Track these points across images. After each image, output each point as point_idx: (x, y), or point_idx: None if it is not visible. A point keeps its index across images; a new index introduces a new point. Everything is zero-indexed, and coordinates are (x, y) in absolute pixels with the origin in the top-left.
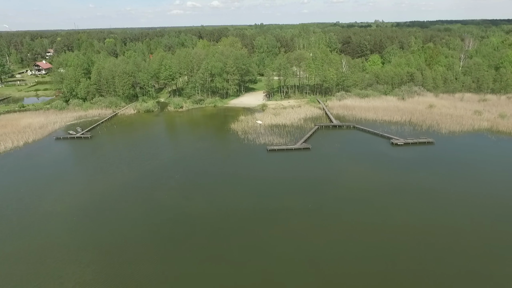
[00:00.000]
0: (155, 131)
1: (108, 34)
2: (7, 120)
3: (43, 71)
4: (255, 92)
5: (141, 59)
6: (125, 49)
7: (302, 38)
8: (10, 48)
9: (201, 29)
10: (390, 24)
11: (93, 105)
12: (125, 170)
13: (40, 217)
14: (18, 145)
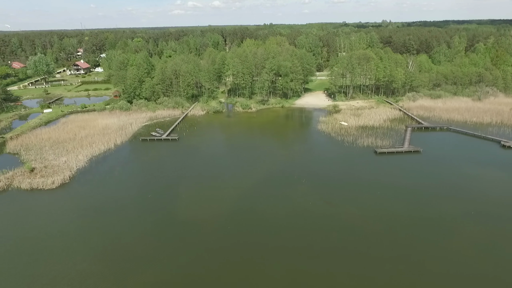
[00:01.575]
0: (240, 132)
1: (130, 34)
2: (83, 121)
3: (81, 70)
4: (313, 93)
5: (191, 59)
6: (157, 49)
7: (343, 38)
8: (43, 48)
9: (208, 28)
10: (401, 24)
11: (159, 105)
12: (245, 174)
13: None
14: (109, 147)
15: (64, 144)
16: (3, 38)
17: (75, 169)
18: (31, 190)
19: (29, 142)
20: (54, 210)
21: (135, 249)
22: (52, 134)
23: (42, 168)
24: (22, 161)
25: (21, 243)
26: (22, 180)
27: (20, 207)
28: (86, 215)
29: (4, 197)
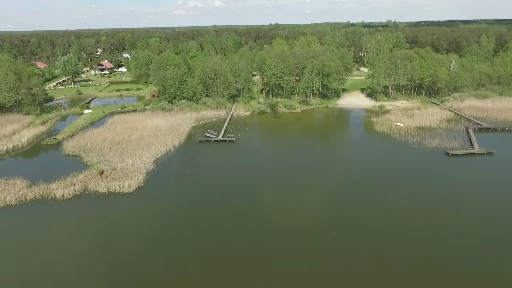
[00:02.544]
0: (296, 133)
1: (146, 34)
2: (130, 122)
3: (106, 70)
4: (350, 93)
5: (220, 59)
6: (177, 49)
7: (369, 37)
8: (64, 48)
9: (219, 28)
10: (407, 24)
11: (201, 106)
12: (321, 176)
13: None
14: (169, 148)
15: (122, 146)
16: (21, 38)
17: (144, 171)
18: (108, 194)
19: (84, 144)
20: (140, 214)
21: (243, 254)
22: (105, 135)
23: (111, 170)
24: (86, 164)
25: (118, 249)
26: (96, 183)
27: (104, 211)
28: (177, 218)
29: (83, 201)
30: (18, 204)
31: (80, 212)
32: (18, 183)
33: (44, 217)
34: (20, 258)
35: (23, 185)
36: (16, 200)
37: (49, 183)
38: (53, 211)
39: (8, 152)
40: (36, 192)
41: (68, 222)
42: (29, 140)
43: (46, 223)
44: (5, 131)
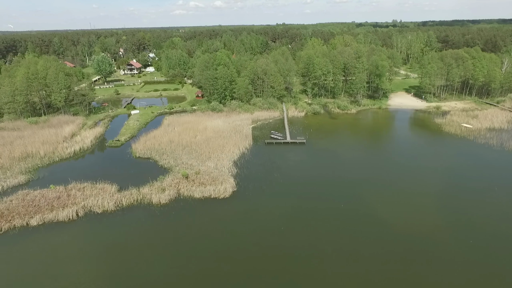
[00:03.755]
0: (363, 135)
1: (163, 34)
2: (187, 123)
3: (135, 70)
4: (395, 93)
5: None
6: (201, 48)
7: (400, 37)
8: (88, 48)
9: (219, 28)
10: (415, 24)
11: (252, 106)
12: (420, 179)
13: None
14: (242, 151)
15: (192, 148)
16: (42, 38)
17: (229, 175)
18: (205, 199)
19: (152, 146)
20: (250, 219)
21: (392, 265)
22: (169, 136)
23: (195, 174)
24: (163, 167)
25: (242, 252)
26: (188, 187)
27: (210, 217)
28: (293, 223)
29: (181, 206)
30: (117, 210)
31: (186, 218)
32: (107, 187)
33: (151, 223)
34: (154, 262)
35: (113, 189)
36: (114, 206)
37: (139, 188)
38: (156, 216)
39: (77, 154)
40: (130, 197)
41: (178, 228)
42: (91, 142)
43: (157, 229)
44: (64, 132)
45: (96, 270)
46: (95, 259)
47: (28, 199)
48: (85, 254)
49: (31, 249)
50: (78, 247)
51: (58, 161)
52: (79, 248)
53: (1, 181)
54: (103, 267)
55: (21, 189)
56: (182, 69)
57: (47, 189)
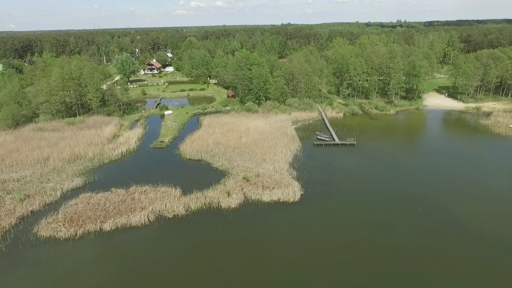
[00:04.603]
0: (412, 136)
1: (173, 33)
2: (226, 124)
3: (155, 70)
4: (427, 94)
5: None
6: (217, 48)
7: (422, 37)
8: (105, 47)
9: (231, 28)
10: (420, 24)
11: (288, 107)
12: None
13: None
14: (294, 153)
15: (242, 149)
16: (58, 38)
17: (289, 177)
18: (274, 203)
19: (199, 147)
20: (334, 222)
21: None
22: (214, 138)
23: (255, 177)
24: (218, 169)
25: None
26: (254, 191)
27: (287, 222)
28: (380, 228)
29: (253, 210)
30: (187, 214)
31: (261, 223)
32: (170, 190)
33: (226, 228)
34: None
35: (177, 193)
36: (184, 210)
37: (202, 191)
38: (230, 221)
39: (124, 155)
40: (197, 201)
41: (255, 233)
42: (136, 143)
43: (234, 234)
44: (105, 133)
45: (184, 275)
46: (180, 263)
47: (93, 203)
48: (168, 259)
49: (112, 255)
50: (158, 253)
51: (108, 163)
52: (160, 254)
53: (59, 183)
54: (189, 273)
55: (80, 192)
56: (205, 69)
57: (109, 192)
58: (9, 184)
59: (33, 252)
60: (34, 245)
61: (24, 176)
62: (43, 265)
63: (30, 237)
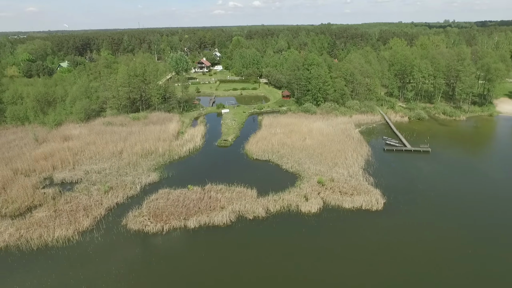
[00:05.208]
0: (496, 145)
1: (219, 32)
2: (289, 125)
3: (205, 68)
4: (496, 99)
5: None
6: (264, 48)
7: (486, 38)
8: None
9: (269, 27)
10: (470, 24)
11: (348, 109)
12: None
13: None
14: (365, 157)
15: (309, 152)
16: (112, 37)
17: (366, 183)
18: (356, 211)
19: (264, 147)
20: (427, 238)
21: None
22: (277, 138)
23: (330, 181)
24: (288, 171)
25: None
26: (333, 196)
27: (375, 231)
28: (480, 247)
29: (336, 217)
30: (268, 217)
31: (348, 230)
32: (245, 191)
33: (311, 233)
34: None
35: (253, 194)
36: (264, 212)
37: (278, 193)
38: (313, 227)
39: (191, 152)
40: (275, 204)
41: (344, 240)
42: (200, 140)
43: (321, 240)
44: (170, 129)
45: (276, 279)
46: (270, 266)
47: (172, 199)
48: (257, 262)
49: (201, 253)
50: (245, 255)
51: (177, 159)
52: (247, 256)
53: (137, 177)
54: (281, 277)
55: (157, 187)
56: (256, 68)
57: (185, 189)
58: (92, 175)
59: (126, 244)
60: (126, 237)
61: (104, 168)
62: (138, 258)
63: (120, 229)
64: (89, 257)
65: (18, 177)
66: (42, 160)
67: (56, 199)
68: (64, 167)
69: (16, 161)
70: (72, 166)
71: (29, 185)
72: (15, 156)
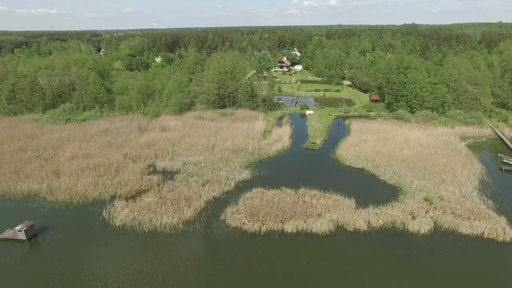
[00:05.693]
0: None
1: (298, 31)
2: (381, 132)
3: (285, 67)
4: None
5: None
6: (346, 48)
7: None
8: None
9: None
10: None
11: (450, 119)
12: None
13: None
14: (476, 175)
15: (410, 164)
16: (198, 35)
17: (485, 207)
18: (476, 238)
19: (356, 154)
20: None
21: None
22: (370, 145)
23: (438, 200)
24: (387, 183)
25: None
26: (444, 218)
27: (501, 267)
28: None
29: (455, 245)
30: (370, 231)
31: (465, 259)
32: (343, 200)
33: (420, 256)
34: None
35: (351, 204)
36: (366, 225)
37: (379, 206)
38: (424, 249)
39: (280, 153)
40: (377, 218)
41: (468, 273)
42: (288, 141)
43: (432, 266)
44: (257, 127)
45: None
46: (378, 285)
47: (267, 199)
48: (361, 278)
49: (302, 261)
50: (348, 269)
51: (267, 158)
52: (353, 271)
53: (230, 173)
54: None
55: (250, 185)
56: (339, 69)
57: (279, 190)
58: (189, 167)
59: (226, 240)
60: (226, 233)
61: (199, 161)
62: (238, 257)
63: (220, 224)
64: (194, 248)
65: (127, 161)
66: (146, 148)
67: (160, 186)
68: (164, 156)
69: (125, 147)
70: (171, 156)
71: (137, 170)
72: (123, 142)
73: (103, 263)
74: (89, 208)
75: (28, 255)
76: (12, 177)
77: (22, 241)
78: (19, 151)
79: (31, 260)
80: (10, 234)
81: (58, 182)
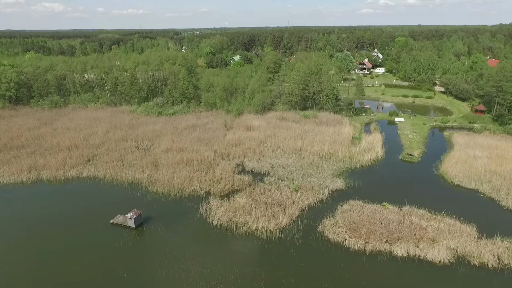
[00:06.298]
0: None
1: (379, 32)
2: (492, 149)
3: (366, 70)
4: None
5: None
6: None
7: None
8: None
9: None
10: None
11: None
12: None
13: None
14: None
15: None
16: (274, 34)
17: None
18: None
19: (466, 171)
20: None
21: None
22: (482, 163)
23: None
24: (510, 210)
25: None
26: None
27: None
28: None
29: None
30: (501, 268)
31: None
32: (458, 225)
33: None
34: None
35: (472, 232)
36: (496, 261)
37: (508, 239)
38: None
39: (373, 162)
40: (510, 253)
41: None
42: (381, 150)
43: None
44: (344, 132)
45: None
46: None
47: (367, 214)
48: None
49: None
50: None
51: (359, 167)
52: None
53: (322, 180)
54: None
55: (344, 195)
56: (431, 74)
57: (380, 205)
58: (278, 169)
59: (328, 255)
60: (326, 247)
61: (287, 164)
62: (344, 277)
63: (318, 236)
64: (294, 260)
65: (217, 159)
66: (234, 146)
67: (251, 187)
68: (252, 156)
69: (213, 144)
70: (258, 157)
71: (228, 168)
72: (211, 138)
73: (206, 263)
74: (186, 203)
75: (138, 243)
76: (118, 164)
77: (131, 228)
78: (122, 140)
79: (140, 249)
80: (121, 220)
81: (157, 173)
